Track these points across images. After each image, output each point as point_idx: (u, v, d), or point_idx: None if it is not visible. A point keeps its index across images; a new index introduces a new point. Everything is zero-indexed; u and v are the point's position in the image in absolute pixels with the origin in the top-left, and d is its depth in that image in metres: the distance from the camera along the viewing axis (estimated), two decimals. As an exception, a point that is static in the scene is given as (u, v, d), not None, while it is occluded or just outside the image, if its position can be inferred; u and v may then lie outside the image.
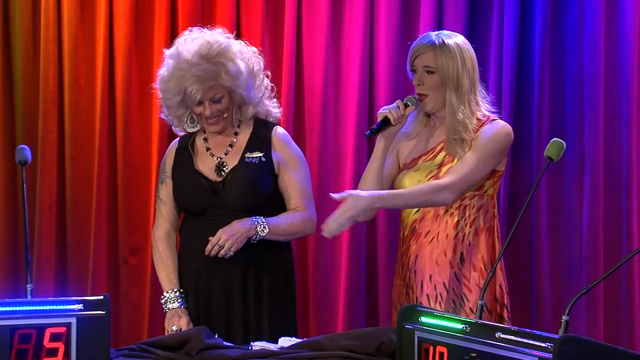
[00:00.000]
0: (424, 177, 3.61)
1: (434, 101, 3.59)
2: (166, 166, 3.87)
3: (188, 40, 3.75)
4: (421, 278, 3.63)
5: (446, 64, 3.54)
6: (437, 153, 3.62)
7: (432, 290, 3.59)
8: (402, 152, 3.72)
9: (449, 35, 3.59)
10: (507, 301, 3.60)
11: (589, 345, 2.37)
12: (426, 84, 3.58)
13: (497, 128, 3.56)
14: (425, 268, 3.61)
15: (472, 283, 3.55)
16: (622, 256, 4.36)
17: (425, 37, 3.63)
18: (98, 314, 2.79)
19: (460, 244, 3.57)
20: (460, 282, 3.56)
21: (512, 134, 3.57)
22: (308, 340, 3.08)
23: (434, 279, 3.59)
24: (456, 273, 3.57)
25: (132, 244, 4.70)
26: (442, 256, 3.58)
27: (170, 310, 3.73)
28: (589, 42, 4.43)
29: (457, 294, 3.56)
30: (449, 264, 3.57)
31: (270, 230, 3.68)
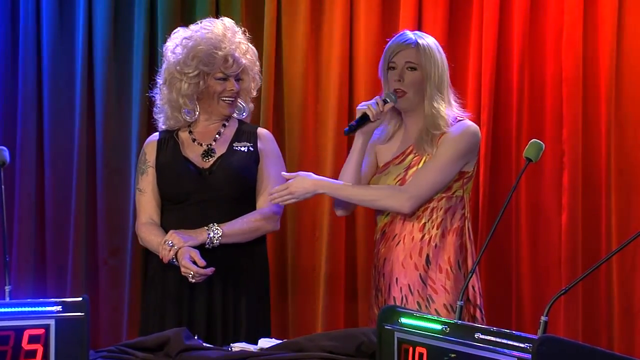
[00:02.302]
0: (392, 180, 3.63)
1: (412, 98, 3.61)
2: (147, 156, 3.88)
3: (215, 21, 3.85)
4: (389, 281, 3.65)
5: (428, 60, 3.59)
6: (407, 156, 3.64)
7: (398, 293, 3.61)
8: (379, 156, 3.73)
9: (422, 36, 3.64)
10: (480, 302, 3.62)
11: (567, 346, 2.38)
12: (407, 80, 3.62)
13: (462, 129, 3.58)
14: (393, 271, 3.64)
15: (438, 285, 3.57)
16: (601, 257, 4.38)
17: (403, 35, 3.67)
18: (77, 315, 2.78)
19: (426, 246, 3.59)
20: (425, 284, 3.58)
21: (478, 134, 3.61)
22: (288, 342, 3.08)
23: (400, 282, 3.61)
24: (421, 275, 3.58)
25: (112, 245, 4.69)
26: (408, 259, 3.60)
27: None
28: (567, 43, 4.44)
29: (422, 296, 3.57)
30: (414, 267, 3.59)
31: (225, 231, 3.68)
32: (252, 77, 3.88)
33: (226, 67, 3.77)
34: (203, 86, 3.80)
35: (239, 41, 3.82)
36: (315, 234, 4.64)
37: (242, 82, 3.86)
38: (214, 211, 3.74)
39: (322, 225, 4.63)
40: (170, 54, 3.83)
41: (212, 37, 3.76)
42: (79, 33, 4.65)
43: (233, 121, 3.92)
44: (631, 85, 4.45)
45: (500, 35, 4.49)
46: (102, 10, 4.64)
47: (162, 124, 3.93)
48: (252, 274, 3.84)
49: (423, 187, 3.54)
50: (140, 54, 4.63)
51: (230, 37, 3.79)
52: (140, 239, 3.86)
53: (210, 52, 3.75)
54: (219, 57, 3.75)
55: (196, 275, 3.59)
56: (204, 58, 3.75)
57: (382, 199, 3.58)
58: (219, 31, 3.79)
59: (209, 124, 3.89)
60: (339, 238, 4.60)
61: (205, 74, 3.78)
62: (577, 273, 4.36)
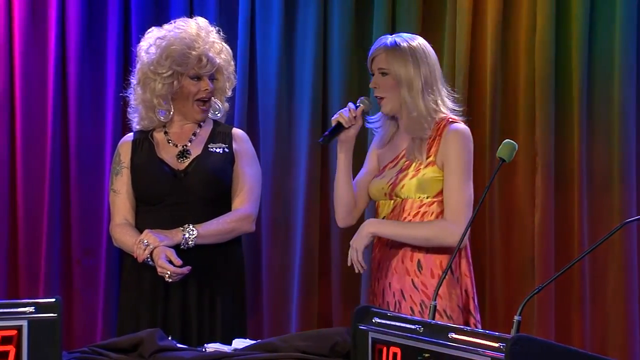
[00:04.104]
0: (385, 183, 3.63)
1: (391, 103, 3.61)
2: (121, 157, 3.86)
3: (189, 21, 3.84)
4: (383, 286, 3.65)
5: (397, 64, 3.57)
6: (399, 160, 3.64)
7: (391, 298, 3.61)
8: (380, 160, 3.74)
9: (405, 38, 3.63)
10: (473, 307, 3.59)
11: (540, 345, 2.39)
12: (381, 86, 3.62)
13: (461, 141, 3.54)
14: (386, 276, 3.63)
15: (430, 290, 3.53)
16: (574, 256, 4.40)
17: (379, 40, 3.67)
18: (50, 316, 2.76)
19: (417, 251, 3.57)
20: (418, 290, 3.56)
21: (471, 138, 3.58)
22: (262, 342, 3.07)
23: (393, 287, 3.61)
24: (414, 280, 3.57)
25: (85, 246, 4.66)
26: (400, 264, 3.59)
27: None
28: (540, 44, 4.46)
29: (414, 302, 3.55)
30: (406, 272, 3.58)
31: (200, 232, 3.67)
32: (226, 77, 3.88)
33: (200, 66, 3.76)
34: (177, 86, 3.79)
35: (213, 41, 3.81)
36: (290, 234, 4.64)
37: (217, 82, 3.86)
38: (189, 213, 3.73)
39: (296, 226, 4.63)
40: (144, 54, 3.82)
41: (185, 37, 3.76)
42: (51, 32, 4.63)
43: (208, 122, 3.91)
44: (602, 86, 4.49)
45: (474, 36, 4.51)
46: (75, 9, 4.62)
47: (136, 124, 3.91)
48: (227, 274, 3.83)
49: (462, 215, 3.49)
50: (114, 53, 4.62)
51: (204, 36, 3.78)
52: (114, 239, 3.85)
53: (183, 51, 3.74)
54: (193, 57, 3.75)
55: (173, 275, 3.59)
56: (178, 58, 3.74)
57: (435, 239, 3.52)
58: (193, 31, 3.78)
59: (183, 125, 3.88)
60: (314, 239, 4.60)
61: (179, 74, 3.77)
62: (550, 273, 4.39)
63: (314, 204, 4.61)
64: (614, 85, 4.45)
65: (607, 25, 4.47)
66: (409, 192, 3.58)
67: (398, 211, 3.61)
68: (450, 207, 3.52)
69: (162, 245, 3.61)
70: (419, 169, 3.57)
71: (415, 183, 3.56)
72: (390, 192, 3.61)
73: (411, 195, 3.57)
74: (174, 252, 3.60)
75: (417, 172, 3.57)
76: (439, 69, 3.63)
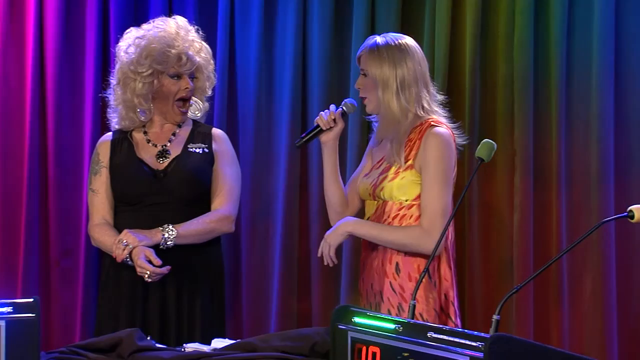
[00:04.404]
0: (369, 184, 3.63)
1: (373, 103, 3.62)
2: (100, 157, 3.85)
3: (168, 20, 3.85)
4: (366, 287, 3.66)
5: (373, 66, 3.58)
6: (383, 161, 3.64)
7: (373, 299, 3.62)
8: (372, 158, 3.73)
9: (389, 39, 3.61)
10: (453, 312, 3.58)
11: (519, 344, 2.39)
12: (363, 87, 3.63)
13: (440, 146, 3.52)
14: (368, 277, 3.64)
15: (407, 293, 3.54)
16: (552, 256, 4.42)
17: (366, 40, 3.68)
18: (28, 316, 2.75)
19: (396, 253, 3.57)
20: (396, 292, 3.56)
21: (451, 142, 3.56)
22: (241, 342, 3.07)
23: (374, 288, 3.61)
24: (392, 283, 3.57)
25: (64, 246, 4.65)
26: (380, 265, 3.59)
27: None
28: (519, 44, 4.48)
29: (392, 304, 3.56)
30: (385, 274, 3.58)
31: (179, 232, 3.67)
32: (206, 76, 3.87)
33: (180, 65, 3.76)
34: (157, 85, 3.78)
35: (193, 39, 3.81)
36: (269, 235, 4.64)
37: (197, 81, 3.85)
38: (168, 213, 3.73)
39: (275, 226, 4.62)
40: (123, 54, 3.81)
41: (165, 36, 3.75)
42: (29, 32, 4.61)
43: (188, 122, 3.91)
44: (581, 86, 4.50)
45: (452, 37, 4.52)
46: (53, 9, 4.60)
47: (115, 124, 3.91)
48: (207, 274, 3.83)
49: (438, 222, 3.47)
50: (93, 53, 4.60)
51: (183, 35, 3.78)
52: (92, 239, 3.84)
53: (163, 50, 3.73)
54: (173, 55, 3.74)
55: (152, 275, 3.58)
56: (158, 57, 3.74)
57: (410, 245, 3.51)
58: (172, 30, 3.78)
59: (163, 125, 3.87)
60: (293, 239, 4.60)
61: (159, 73, 3.77)
62: (529, 272, 4.40)
63: (294, 204, 4.61)
64: (592, 85, 4.47)
65: (585, 26, 4.48)
66: (388, 195, 3.58)
67: (380, 212, 3.61)
68: (426, 215, 3.51)
69: (141, 245, 3.60)
70: (398, 172, 3.57)
71: (394, 186, 3.56)
72: (373, 192, 3.61)
73: (391, 198, 3.57)
74: (153, 251, 3.60)
75: (396, 175, 3.57)
76: (422, 71, 3.60)
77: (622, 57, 4.49)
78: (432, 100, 3.63)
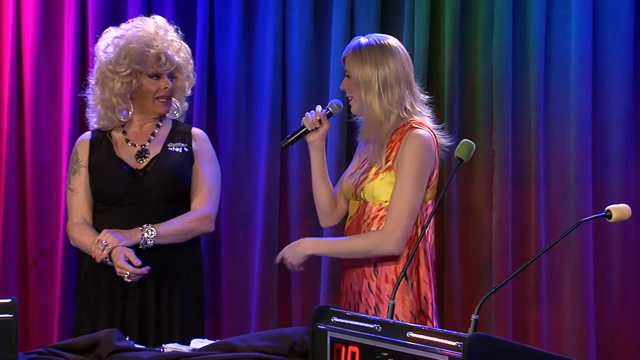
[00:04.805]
0: (352, 184, 3.64)
1: (357, 103, 3.62)
2: (79, 156, 3.85)
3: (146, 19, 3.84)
4: (346, 286, 3.66)
5: (355, 66, 3.58)
6: (366, 162, 3.64)
7: (352, 299, 3.62)
8: (360, 158, 3.73)
9: (371, 39, 3.61)
10: (432, 313, 3.57)
11: (498, 344, 2.40)
12: (347, 87, 3.64)
13: (414, 146, 3.51)
14: (348, 277, 3.64)
15: (384, 294, 3.54)
16: (531, 255, 4.43)
17: (351, 41, 3.69)
18: (5, 317, 2.74)
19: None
20: (373, 293, 3.56)
21: (430, 144, 3.54)
22: (220, 342, 3.07)
23: (353, 288, 3.62)
24: (369, 284, 3.57)
25: (42, 246, 4.63)
26: (359, 266, 3.60)
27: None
28: (497, 44, 4.49)
29: (370, 305, 3.56)
30: (363, 274, 3.58)
31: (159, 232, 3.66)
32: (186, 76, 3.87)
33: (159, 64, 3.75)
34: (136, 85, 3.77)
35: (172, 39, 3.80)
36: (249, 234, 4.64)
37: (176, 81, 3.85)
38: (147, 212, 3.72)
39: (255, 226, 4.62)
40: (101, 54, 3.80)
41: (144, 35, 3.74)
42: (7, 32, 4.58)
43: (167, 121, 3.90)
44: (559, 87, 4.52)
45: (431, 37, 4.52)
46: (31, 9, 4.58)
47: (94, 123, 3.90)
48: (186, 274, 3.82)
49: (402, 223, 3.47)
50: (71, 53, 4.58)
51: (162, 35, 3.77)
52: (71, 239, 3.83)
53: (142, 50, 3.73)
54: (152, 55, 3.73)
55: (132, 275, 3.57)
56: (136, 56, 3.73)
57: (372, 249, 3.52)
58: (151, 29, 3.77)
59: (142, 124, 3.86)
60: (273, 239, 4.60)
61: (137, 73, 3.76)
62: (508, 272, 4.41)
63: (274, 203, 4.60)
64: (570, 86, 4.49)
65: (563, 26, 4.50)
66: (369, 195, 3.58)
67: (361, 213, 3.61)
68: (391, 216, 3.50)
69: (120, 245, 3.59)
70: (378, 173, 3.57)
71: (374, 186, 3.56)
72: (355, 192, 3.61)
73: (372, 198, 3.58)
74: (133, 252, 3.59)
75: (376, 175, 3.57)
76: (405, 71, 3.59)
77: (600, 57, 4.51)
78: (417, 101, 3.63)
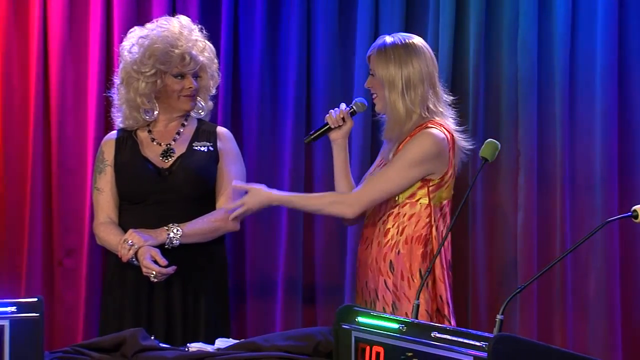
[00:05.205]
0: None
1: (381, 102, 3.63)
2: (105, 155, 3.86)
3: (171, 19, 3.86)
4: (361, 284, 3.67)
5: (379, 65, 3.60)
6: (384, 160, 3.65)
7: (368, 297, 3.63)
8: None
9: (397, 39, 3.63)
10: (448, 312, 3.58)
11: (523, 344, 2.39)
12: (372, 86, 3.65)
13: (420, 138, 3.54)
14: (363, 274, 3.64)
15: (401, 292, 3.55)
16: (556, 256, 4.41)
17: (377, 40, 3.70)
18: (32, 316, 2.76)
19: (390, 251, 3.58)
20: (390, 291, 3.57)
21: (439, 142, 3.56)
22: (245, 341, 3.07)
23: (369, 286, 3.62)
24: (386, 281, 3.58)
25: (67, 246, 4.65)
26: (375, 263, 3.60)
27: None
28: (523, 44, 4.48)
29: (387, 302, 3.56)
30: (379, 272, 3.59)
31: (185, 231, 3.67)
32: (210, 75, 3.88)
33: (183, 64, 3.76)
34: (160, 85, 3.79)
35: (196, 39, 3.81)
36: (274, 233, 4.64)
37: (201, 80, 3.86)
38: (173, 211, 3.73)
39: (280, 225, 4.62)
40: (126, 54, 3.82)
41: (168, 35, 3.76)
42: (33, 32, 4.61)
43: (192, 120, 3.91)
44: (584, 86, 4.50)
45: (456, 36, 4.51)
46: (57, 9, 4.60)
47: (120, 123, 3.91)
48: (211, 274, 3.83)
49: (367, 195, 3.54)
50: (97, 53, 4.60)
51: (186, 34, 3.78)
52: (98, 238, 3.84)
53: (166, 50, 3.74)
54: (176, 55, 3.74)
55: (158, 275, 3.58)
56: (161, 56, 3.74)
57: (326, 206, 3.61)
58: (175, 29, 3.78)
59: (168, 123, 3.88)
60: (298, 238, 4.60)
61: (162, 73, 3.77)
62: (532, 272, 4.40)
63: (298, 203, 4.60)
64: (596, 85, 4.47)
65: (589, 25, 4.48)
66: None
67: (377, 209, 3.65)
68: (363, 186, 3.58)
69: (146, 245, 3.60)
70: None
71: None
72: None
73: None
74: (159, 251, 3.60)
75: None
76: (429, 71, 3.61)
77: (626, 56, 4.49)
78: (440, 101, 3.64)
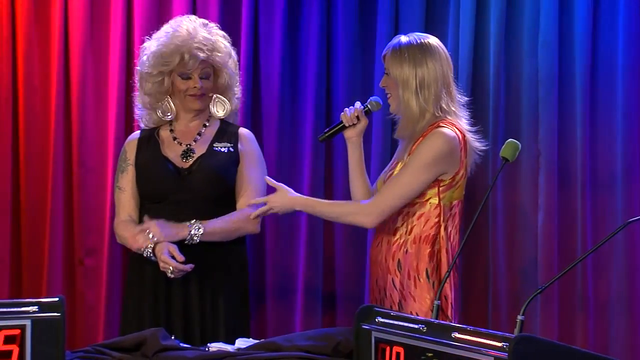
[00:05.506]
0: (382, 180, 3.67)
1: (395, 101, 3.63)
2: (127, 155, 3.89)
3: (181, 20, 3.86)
4: (372, 283, 3.68)
5: (394, 65, 3.60)
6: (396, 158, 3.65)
7: (377, 294, 3.63)
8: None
9: (412, 38, 3.63)
10: (451, 313, 3.57)
11: (543, 345, 2.39)
12: (386, 85, 3.65)
13: (432, 139, 3.53)
14: (374, 272, 3.65)
15: (407, 291, 3.55)
16: (577, 256, 4.40)
17: (392, 39, 3.70)
18: (53, 315, 2.77)
19: (398, 250, 3.58)
20: (397, 289, 3.57)
21: (450, 141, 3.54)
22: (265, 341, 3.08)
23: (379, 284, 3.63)
24: (393, 280, 3.58)
25: (88, 245, 4.66)
26: (384, 261, 3.61)
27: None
28: (543, 43, 4.46)
29: (394, 301, 3.56)
30: (388, 270, 3.59)
31: (206, 229, 3.68)
32: (226, 73, 3.85)
33: (183, 64, 3.77)
34: (169, 84, 3.82)
35: (203, 38, 3.79)
36: (294, 235, 4.64)
37: (217, 79, 3.86)
38: (191, 211, 3.74)
39: (300, 226, 4.62)
40: (142, 56, 3.87)
41: (170, 36, 3.78)
42: (54, 32, 4.63)
43: (215, 121, 3.92)
44: (605, 86, 4.49)
45: (477, 37, 4.51)
46: (78, 9, 4.61)
47: (141, 123, 3.95)
48: (232, 273, 3.83)
49: (385, 203, 3.53)
50: (117, 53, 4.61)
51: (192, 34, 3.77)
52: (118, 236, 3.86)
53: (166, 50, 3.76)
54: (176, 56, 3.75)
55: (175, 271, 3.59)
56: (160, 58, 3.78)
57: (346, 216, 3.61)
58: (180, 29, 3.79)
59: (188, 123, 3.89)
60: (318, 239, 4.60)
61: (167, 73, 3.79)
62: (553, 272, 4.38)
63: (318, 203, 4.60)
64: (617, 85, 4.45)
65: (610, 25, 4.47)
66: None
67: None
68: (380, 193, 3.56)
69: (165, 240, 3.62)
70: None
71: None
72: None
73: None
74: (177, 248, 3.61)
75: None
76: (443, 71, 3.60)
77: (648, 56, 4.48)
78: (453, 101, 3.63)
